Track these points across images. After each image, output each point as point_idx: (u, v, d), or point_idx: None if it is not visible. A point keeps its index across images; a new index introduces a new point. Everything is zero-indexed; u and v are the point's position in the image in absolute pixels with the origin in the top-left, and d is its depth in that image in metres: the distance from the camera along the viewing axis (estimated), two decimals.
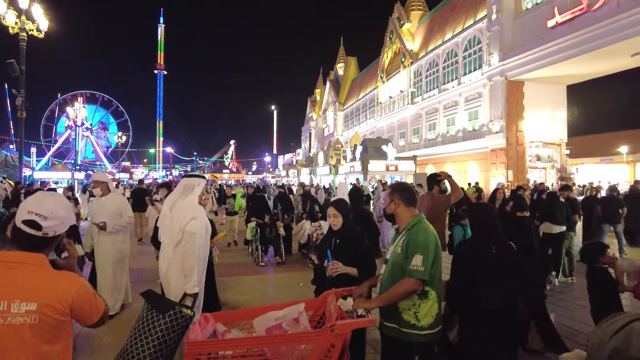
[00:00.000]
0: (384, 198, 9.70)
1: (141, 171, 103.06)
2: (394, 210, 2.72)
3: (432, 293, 2.53)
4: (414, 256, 2.44)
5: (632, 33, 15.73)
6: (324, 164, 31.87)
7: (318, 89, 61.23)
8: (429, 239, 2.49)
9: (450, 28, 28.10)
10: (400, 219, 2.72)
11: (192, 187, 3.60)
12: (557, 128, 22.79)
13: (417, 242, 2.47)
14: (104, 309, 1.75)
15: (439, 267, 2.57)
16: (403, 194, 2.70)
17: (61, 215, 1.71)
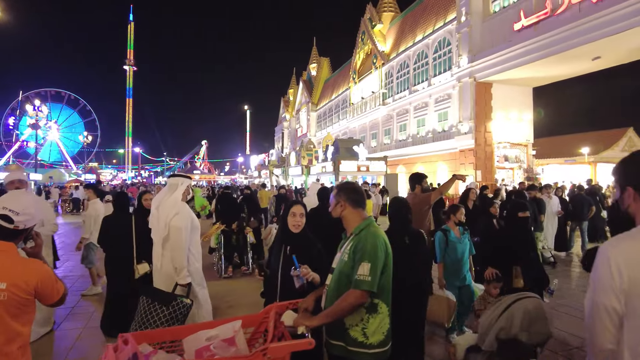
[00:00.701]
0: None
1: (109, 172, 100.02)
2: (340, 214, 2.43)
3: (382, 306, 2.26)
4: (360, 264, 2.17)
5: (593, 37, 16.15)
6: (296, 164, 31.54)
7: (291, 89, 60.82)
8: (378, 244, 2.23)
9: (421, 29, 28.31)
10: (347, 223, 2.44)
11: (176, 185, 3.89)
12: (524, 129, 23.26)
13: (365, 249, 2.20)
14: (64, 291, 2.05)
15: (389, 276, 2.30)
16: (350, 195, 2.42)
17: (31, 212, 2.01)
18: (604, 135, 28.36)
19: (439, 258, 4.57)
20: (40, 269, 1.97)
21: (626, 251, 1.35)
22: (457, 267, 4.54)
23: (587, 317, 1.46)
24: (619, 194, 1.53)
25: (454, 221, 4.64)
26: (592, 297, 1.41)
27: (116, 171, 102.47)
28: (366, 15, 35.76)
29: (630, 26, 14.90)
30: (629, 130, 27.99)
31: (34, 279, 1.91)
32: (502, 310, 2.28)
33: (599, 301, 1.37)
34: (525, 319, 2.16)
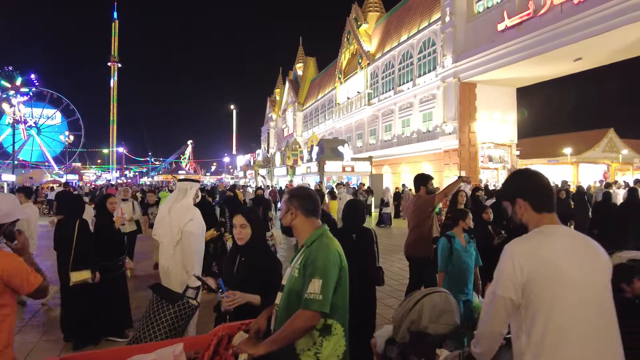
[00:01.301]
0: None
1: (93, 172, 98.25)
2: (290, 222, 2.17)
3: (336, 327, 2.02)
4: (311, 281, 1.92)
5: (574, 38, 16.23)
6: (281, 164, 31.26)
7: (278, 89, 60.45)
8: (331, 257, 1.99)
9: (406, 29, 28.28)
10: (298, 233, 2.17)
11: (186, 190, 4.02)
12: (508, 129, 23.35)
13: (316, 263, 1.95)
14: (39, 285, 2.16)
15: (344, 293, 2.06)
16: (303, 202, 2.15)
17: (2, 209, 2.23)
18: (585, 135, 28.72)
19: (441, 266, 4.08)
20: (5, 260, 2.08)
21: (526, 250, 1.57)
22: (461, 279, 4.02)
23: (486, 304, 1.70)
24: (510, 207, 1.78)
25: (462, 227, 4.16)
26: (493, 290, 1.63)
27: (100, 171, 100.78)
28: (352, 15, 35.62)
29: (611, 27, 15.01)
30: (610, 131, 28.39)
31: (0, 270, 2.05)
32: (412, 304, 2.44)
33: (499, 293, 1.59)
34: (433, 312, 2.34)
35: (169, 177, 72.34)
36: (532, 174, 1.78)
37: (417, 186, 5.19)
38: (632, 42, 16.32)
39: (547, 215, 1.68)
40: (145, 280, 7.23)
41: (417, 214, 4.91)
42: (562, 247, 1.57)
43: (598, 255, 1.60)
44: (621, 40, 16.04)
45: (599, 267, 1.57)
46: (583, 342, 1.48)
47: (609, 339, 1.52)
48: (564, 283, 1.51)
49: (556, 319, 1.50)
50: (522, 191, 1.73)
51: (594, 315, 1.51)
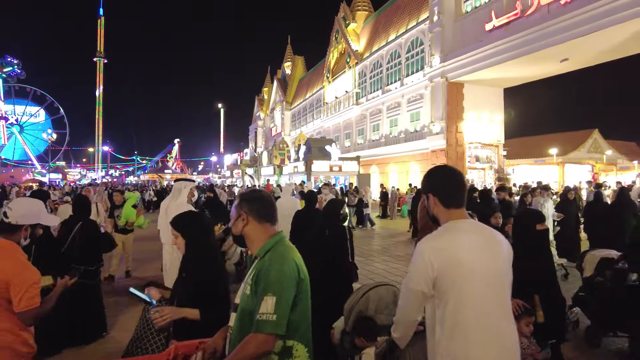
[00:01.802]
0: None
1: (78, 171, 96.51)
2: (241, 230, 1.89)
3: (299, 348, 1.76)
4: (263, 299, 1.67)
5: (561, 39, 16.24)
6: (268, 164, 30.91)
7: (266, 88, 59.99)
8: (286, 270, 1.72)
9: (394, 29, 28.17)
10: (251, 242, 1.90)
11: (180, 189, 4.19)
12: (495, 130, 23.37)
13: (269, 277, 1.70)
14: (29, 309, 2.09)
15: (305, 308, 1.81)
16: (255, 206, 1.88)
17: (19, 211, 2.32)
18: (571, 136, 28.97)
19: None
20: (14, 271, 2.11)
21: (435, 247, 1.70)
22: None
23: (401, 296, 1.85)
24: (426, 200, 1.91)
25: None
26: (407, 283, 1.76)
27: (85, 170, 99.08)
28: (340, 14, 35.43)
29: (597, 28, 15.04)
30: (595, 132, 28.67)
31: (4, 276, 2.08)
32: (360, 296, 2.60)
33: (412, 287, 1.73)
34: (380, 304, 2.51)
35: (155, 176, 71.37)
36: (444, 172, 1.88)
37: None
38: (618, 43, 16.39)
39: (455, 211, 1.80)
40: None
41: (425, 213, 4.65)
42: (466, 242, 1.71)
43: (499, 247, 1.76)
44: (608, 41, 16.10)
45: (499, 257, 1.74)
46: (486, 323, 1.65)
47: (505, 317, 1.72)
48: (469, 274, 1.66)
49: (464, 308, 1.65)
50: (434, 187, 1.85)
51: (494, 299, 1.69)
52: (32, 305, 2.12)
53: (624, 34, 15.43)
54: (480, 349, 1.63)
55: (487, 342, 1.64)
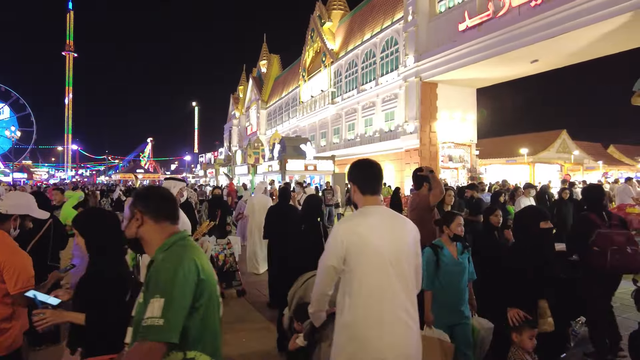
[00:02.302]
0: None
1: (45, 171, 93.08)
2: (135, 232, 1.64)
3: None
4: (150, 302, 1.43)
5: (531, 40, 16.51)
6: (242, 163, 30.37)
7: (241, 86, 59.19)
8: (179, 270, 1.48)
9: (370, 28, 28.15)
10: (147, 245, 1.66)
11: (169, 188, 3.84)
12: (468, 129, 23.63)
13: (158, 278, 1.48)
14: (29, 288, 2.17)
15: (210, 315, 1.58)
16: (151, 203, 1.65)
17: (13, 200, 2.54)
18: (540, 136, 29.70)
19: (427, 284, 3.24)
20: (5, 256, 2.21)
21: (346, 228, 1.94)
22: (451, 298, 3.31)
23: (318, 272, 2.03)
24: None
25: (447, 235, 3.43)
26: (322, 260, 1.98)
27: (54, 170, 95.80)
28: (316, 13, 35.20)
29: (565, 30, 15.34)
30: (563, 132, 29.48)
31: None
32: (301, 284, 2.78)
33: (326, 262, 1.94)
34: None
35: (128, 175, 69.51)
36: (363, 164, 2.12)
37: (419, 183, 4.42)
38: (585, 45, 16.78)
39: (370, 197, 2.05)
40: None
41: (416, 215, 4.24)
42: (373, 224, 1.95)
43: (404, 232, 2.00)
44: (575, 43, 16.45)
45: (402, 240, 1.97)
46: (386, 293, 1.88)
47: (410, 303, 1.93)
48: (372, 251, 1.89)
49: (366, 280, 1.88)
50: (353, 177, 2.12)
51: (395, 276, 1.90)
52: (28, 286, 2.20)
53: (591, 36, 15.80)
54: (377, 318, 1.86)
55: (384, 314, 1.87)
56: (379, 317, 1.86)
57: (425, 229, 4.10)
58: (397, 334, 1.87)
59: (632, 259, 3.58)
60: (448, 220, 3.44)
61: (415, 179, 4.50)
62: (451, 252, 3.38)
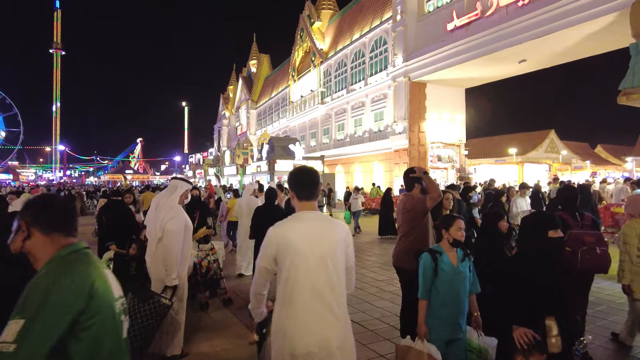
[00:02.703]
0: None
1: (33, 172, 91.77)
2: (21, 246, 1.45)
3: None
4: (8, 323, 1.23)
5: (519, 40, 16.52)
6: (230, 163, 30.12)
7: (231, 86, 58.75)
8: (55, 286, 1.30)
9: (359, 28, 28.05)
10: (36, 259, 1.46)
11: (175, 188, 4.07)
12: (457, 129, 23.63)
13: (28, 295, 1.28)
14: None
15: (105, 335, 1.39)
16: (38, 215, 1.47)
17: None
18: (529, 137, 29.82)
19: (422, 292, 3.05)
20: None
21: (277, 232, 2.10)
22: (449, 310, 3.02)
23: (255, 273, 2.20)
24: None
25: (447, 240, 3.11)
26: (257, 261, 2.17)
27: (42, 171, 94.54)
28: (305, 12, 35.04)
29: (552, 30, 15.38)
30: (551, 132, 29.64)
31: None
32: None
33: (260, 264, 2.14)
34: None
35: (117, 176, 68.69)
36: (298, 172, 2.23)
37: (410, 185, 4.11)
38: (571, 45, 16.82)
39: (306, 203, 2.16)
40: None
41: (409, 218, 3.98)
42: (302, 228, 2.08)
43: (332, 232, 2.11)
44: (561, 43, 16.49)
45: (329, 244, 2.08)
46: (309, 301, 2.00)
47: (333, 298, 2.04)
48: (297, 253, 2.02)
49: (292, 279, 2.02)
50: (291, 184, 2.21)
51: (318, 273, 2.02)
52: None
53: (577, 36, 15.85)
54: (302, 315, 2.00)
55: (308, 311, 2.00)
56: (302, 313, 2.00)
57: (417, 234, 3.96)
58: (317, 329, 2.00)
59: (601, 259, 3.65)
60: (447, 223, 3.11)
61: (407, 180, 4.16)
62: (450, 258, 3.07)
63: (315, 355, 1.97)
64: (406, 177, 4.18)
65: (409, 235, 4.01)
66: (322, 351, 1.98)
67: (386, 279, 7.07)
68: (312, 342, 1.98)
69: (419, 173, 3.95)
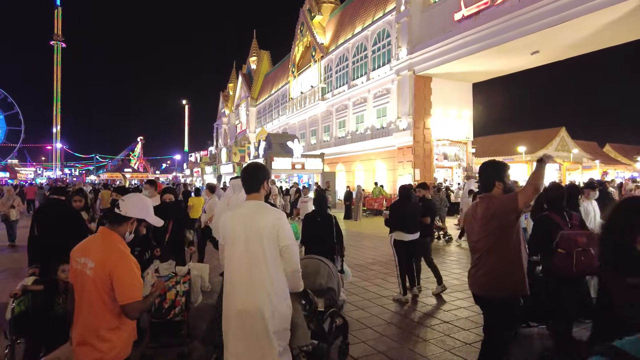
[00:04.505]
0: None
1: (33, 170, 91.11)
2: None
3: None
4: None
5: (532, 29, 15.47)
6: (227, 161, 29.08)
7: (231, 84, 57.66)
8: None
9: (361, 21, 26.93)
10: None
11: (240, 186, 3.97)
12: (464, 126, 22.50)
13: None
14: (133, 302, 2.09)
15: None
16: None
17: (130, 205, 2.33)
18: (539, 134, 28.62)
19: None
20: (119, 261, 2.11)
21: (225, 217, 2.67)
22: None
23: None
24: None
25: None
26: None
27: (41, 169, 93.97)
28: (305, 6, 33.93)
29: (568, 18, 14.38)
30: (562, 130, 28.42)
31: (109, 266, 2.08)
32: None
33: (220, 242, 2.70)
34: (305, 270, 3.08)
35: (117, 175, 67.82)
36: (245, 168, 2.75)
37: (490, 182, 2.97)
38: (586, 36, 15.80)
39: (250, 195, 2.66)
40: None
41: (491, 228, 2.86)
42: (239, 214, 2.59)
43: (262, 218, 2.51)
44: (577, 32, 15.45)
45: (256, 224, 2.50)
46: (240, 270, 2.49)
47: (257, 270, 2.46)
48: (232, 233, 2.55)
49: (229, 253, 2.58)
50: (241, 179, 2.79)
51: (246, 249, 2.49)
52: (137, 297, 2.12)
53: (592, 27, 14.85)
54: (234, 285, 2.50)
55: (238, 280, 2.49)
56: (234, 279, 2.50)
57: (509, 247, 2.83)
58: (244, 293, 2.45)
59: (596, 260, 3.28)
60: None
61: (486, 177, 3.04)
62: None
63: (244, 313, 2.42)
64: (485, 173, 3.06)
65: (496, 250, 2.89)
66: (248, 312, 2.42)
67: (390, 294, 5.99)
68: (240, 302, 2.45)
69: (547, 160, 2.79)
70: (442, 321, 4.96)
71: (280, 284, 2.49)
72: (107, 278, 2.06)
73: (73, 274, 2.19)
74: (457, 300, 5.77)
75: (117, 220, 2.27)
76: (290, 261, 2.54)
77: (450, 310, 5.38)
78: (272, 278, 2.44)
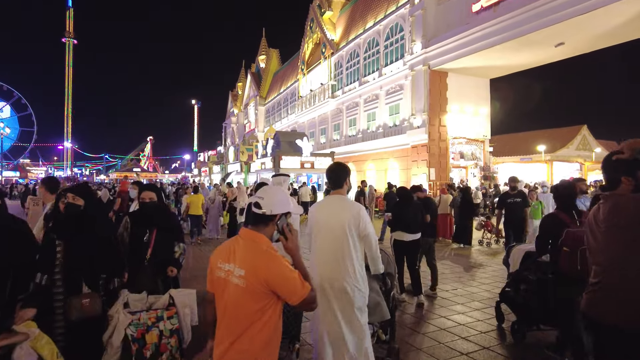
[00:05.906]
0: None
1: (44, 169, 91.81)
2: None
3: None
4: None
5: (557, 18, 14.43)
6: (234, 160, 28.37)
7: (240, 83, 57.07)
8: None
9: (372, 15, 26.00)
10: None
11: (280, 182, 5.01)
12: (481, 124, 21.46)
13: None
14: (308, 295, 1.93)
15: None
16: None
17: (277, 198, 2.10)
18: (559, 133, 27.40)
19: None
20: (270, 265, 1.94)
21: (312, 209, 3.26)
22: None
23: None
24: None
25: None
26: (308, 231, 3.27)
27: (53, 168, 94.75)
28: (315, 2, 33.11)
29: (598, 6, 13.34)
30: (583, 128, 27.17)
31: (262, 273, 1.92)
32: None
33: (307, 231, 3.30)
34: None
35: (131, 174, 67.94)
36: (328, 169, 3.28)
37: (614, 177, 2.11)
38: (618, 25, 14.68)
39: (334, 190, 3.16)
40: None
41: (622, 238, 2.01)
42: (322, 206, 3.19)
43: (343, 211, 3.03)
44: (608, 21, 14.36)
45: (338, 214, 3.03)
46: (323, 252, 3.06)
47: (340, 253, 2.98)
48: (317, 224, 3.12)
49: (315, 241, 3.14)
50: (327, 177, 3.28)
51: (330, 240, 3.02)
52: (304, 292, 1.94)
53: (622, 15, 13.81)
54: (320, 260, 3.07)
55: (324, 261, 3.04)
56: (320, 259, 3.09)
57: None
58: (328, 269, 3.01)
59: None
60: None
61: (611, 171, 2.15)
62: None
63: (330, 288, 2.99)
64: (609, 166, 2.18)
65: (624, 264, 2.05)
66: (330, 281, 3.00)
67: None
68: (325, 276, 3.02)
69: None
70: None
71: (359, 266, 3.02)
72: (261, 285, 1.89)
73: (215, 282, 2.02)
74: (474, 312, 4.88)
75: (262, 221, 2.05)
76: (371, 247, 3.14)
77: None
78: (353, 261, 2.97)
